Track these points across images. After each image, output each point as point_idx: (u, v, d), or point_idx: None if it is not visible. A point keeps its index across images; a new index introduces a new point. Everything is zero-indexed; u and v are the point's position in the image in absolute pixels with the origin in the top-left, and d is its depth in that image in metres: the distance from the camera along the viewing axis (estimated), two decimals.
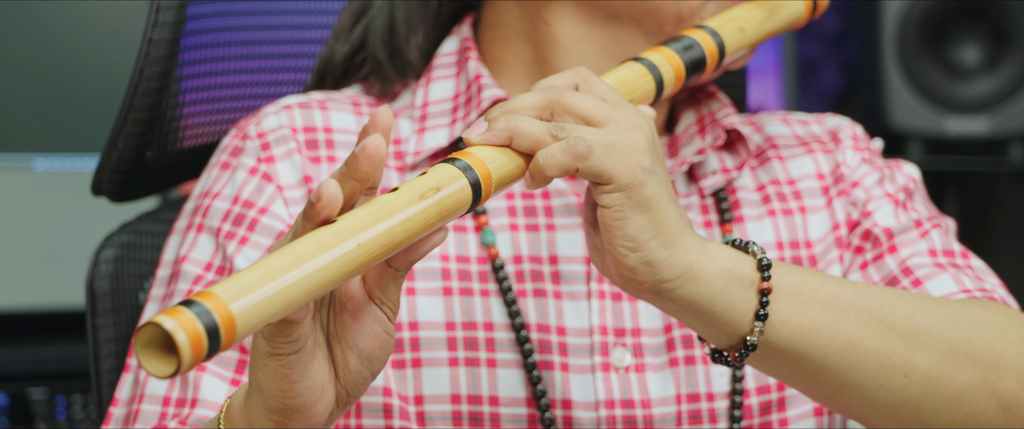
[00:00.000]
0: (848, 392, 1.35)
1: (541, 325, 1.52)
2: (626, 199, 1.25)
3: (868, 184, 1.61)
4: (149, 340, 1.03)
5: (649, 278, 1.27)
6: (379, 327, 1.21)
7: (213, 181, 1.56)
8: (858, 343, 1.34)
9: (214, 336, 1.03)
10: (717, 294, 1.29)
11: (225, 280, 1.06)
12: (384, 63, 1.61)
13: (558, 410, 1.51)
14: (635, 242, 1.26)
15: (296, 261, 1.09)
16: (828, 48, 3.89)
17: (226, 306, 1.04)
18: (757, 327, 1.30)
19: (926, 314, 1.37)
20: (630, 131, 1.27)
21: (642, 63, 1.42)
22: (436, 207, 1.17)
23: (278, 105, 1.58)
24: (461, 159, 1.21)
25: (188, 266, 1.52)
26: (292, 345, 1.16)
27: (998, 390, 1.38)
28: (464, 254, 1.53)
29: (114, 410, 1.53)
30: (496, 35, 1.60)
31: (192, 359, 1.02)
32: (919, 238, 1.57)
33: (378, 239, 1.13)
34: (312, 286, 1.09)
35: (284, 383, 1.17)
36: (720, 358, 1.34)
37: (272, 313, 1.07)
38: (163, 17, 1.64)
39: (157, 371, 1.03)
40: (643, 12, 1.53)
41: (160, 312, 1.02)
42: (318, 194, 1.12)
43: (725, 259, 1.30)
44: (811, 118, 1.69)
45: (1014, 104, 3.47)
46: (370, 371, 1.22)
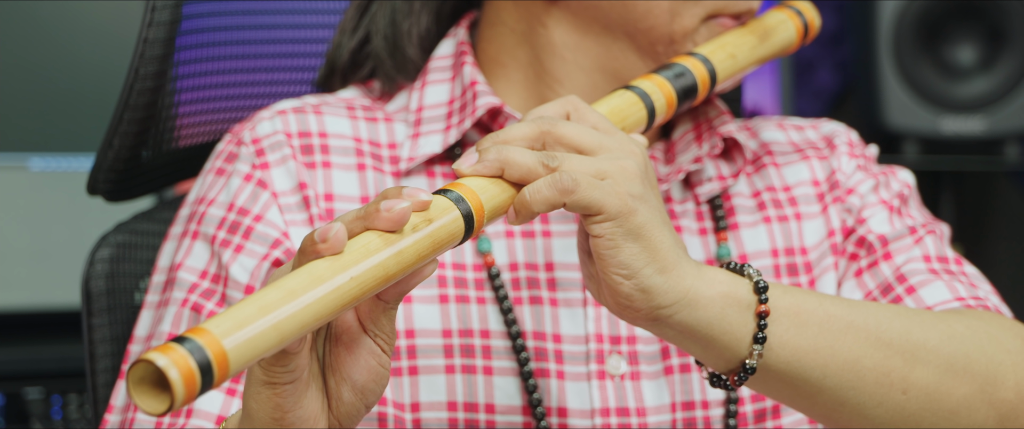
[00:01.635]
0: (847, 411, 1.35)
1: (537, 333, 1.52)
2: (617, 228, 1.25)
3: (863, 191, 1.61)
4: (142, 377, 1.03)
5: (645, 305, 1.27)
6: (374, 360, 1.20)
7: (208, 187, 1.56)
8: (856, 362, 1.33)
9: (207, 372, 1.02)
10: (714, 318, 1.29)
11: (218, 315, 1.05)
12: (385, 60, 1.61)
13: (554, 418, 1.50)
14: (629, 270, 1.26)
15: (289, 295, 1.08)
16: (824, 48, 3.89)
17: (219, 342, 1.03)
18: (756, 350, 1.30)
19: (923, 330, 1.37)
20: (621, 159, 1.27)
21: (634, 91, 1.42)
22: (429, 239, 1.17)
23: (272, 110, 1.58)
24: (453, 190, 1.21)
25: (183, 273, 1.52)
26: (288, 375, 1.16)
27: (996, 402, 1.38)
28: (460, 261, 1.53)
29: (109, 417, 1.53)
30: (494, 33, 1.60)
31: (185, 396, 1.02)
32: (913, 244, 1.57)
33: (371, 272, 1.13)
34: (305, 320, 1.09)
35: (276, 412, 1.17)
36: (718, 382, 1.33)
37: (266, 348, 1.07)
38: (159, 17, 1.64)
39: (150, 408, 1.03)
40: (637, 30, 1.53)
41: (153, 349, 1.02)
42: (324, 236, 1.12)
43: (722, 283, 1.30)
44: (806, 123, 1.68)
45: (1010, 104, 3.47)
46: (364, 404, 1.21)
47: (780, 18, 1.58)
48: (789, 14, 1.60)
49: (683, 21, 1.52)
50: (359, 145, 1.56)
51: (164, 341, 1.48)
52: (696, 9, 1.53)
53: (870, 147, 1.68)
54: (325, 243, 1.12)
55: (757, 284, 1.31)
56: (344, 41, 1.64)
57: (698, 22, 1.53)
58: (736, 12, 1.54)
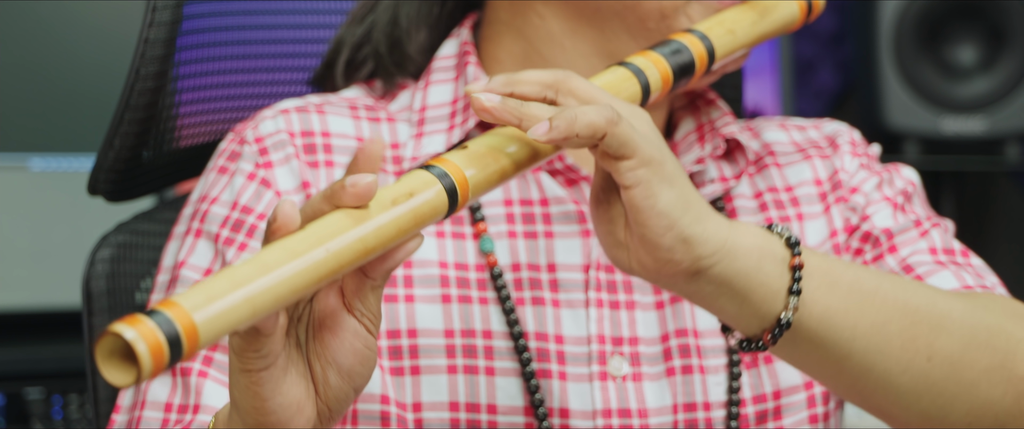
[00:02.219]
0: (873, 378, 1.34)
1: (539, 333, 1.51)
2: (652, 174, 1.22)
3: (867, 189, 1.61)
4: (111, 349, 1.01)
5: (687, 256, 1.24)
6: (359, 342, 1.19)
7: (210, 186, 1.56)
8: (883, 326, 1.33)
9: (175, 345, 1.01)
10: (752, 269, 1.27)
11: (189, 289, 1.04)
12: (384, 56, 1.61)
13: (556, 419, 1.50)
14: (669, 219, 1.23)
15: (262, 269, 1.07)
16: (825, 48, 3.89)
17: (188, 315, 1.02)
18: (792, 303, 1.28)
19: (946, 300, 1.37)
20: (632, 119, 1.26)
21: (627, 67, 1.40)
22: (410, 214, 1.15)
23: (275, 109, 1.58)
24: (437, 165, 1.20)
25: (187, 271, 1.52)
26: (262, 361, 1.15)
27: (1014, 378, 1.38)
28: (463, 261, 1.53)
29: (116, 417, 1.53)
30: (493, 32, 1.60)
31: (152, 368, 1.00)
32: (919, 237, 1.57)
33: (349, 246, 1.11)
34: (280, 294, 1.08)
35: (256, 400, 1.16)
36: (750, 346, 1.31)
37: (237, 321, 1.05)
38: (159, 17, 1.64)
39: (116, 380, 1.01)
40: (624, 8, 1.53)
41: (120, 320, 1.01)
42: (274, 215, 1.10)
43: (754, 235, 1.28)
44: (809, 123, 1.68)
45: (1010, 104, 3.47)
46: (352, 387, 1.20)
47: None
48: None
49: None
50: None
51: None
52: None
53: (873, 146, 1.68)
54: (275, 222, 1.11)
55: (788, 239, 1.29)
56: (347, 38, 1.64)
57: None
58: None
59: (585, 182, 1.56)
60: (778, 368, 1.56)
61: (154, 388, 1.48)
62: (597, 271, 1.53)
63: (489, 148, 1.24)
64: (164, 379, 1.48)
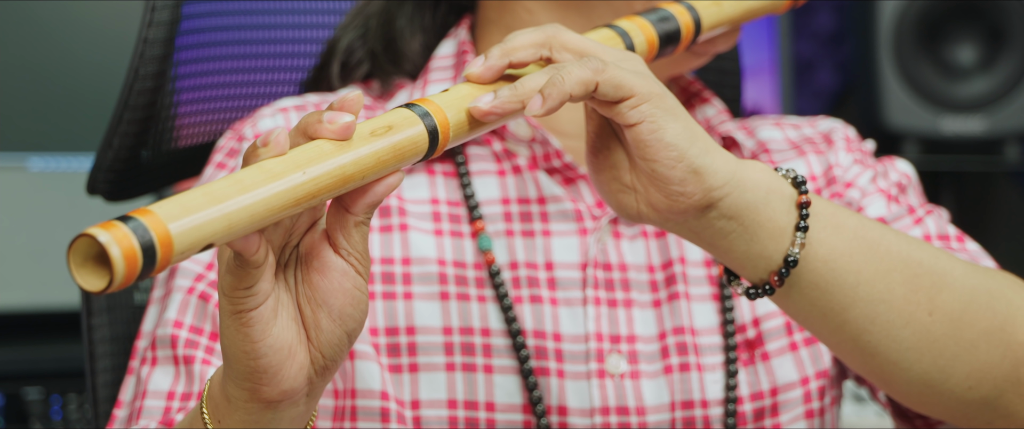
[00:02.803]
0: (876, 330, 1.33)
1: (537, 331, 1.52)
2: (655, 108, 1.22)
3: (862, 183, 1.61)
4: (85, 254, 1.00)
5: (699, 188, 1.24)
6: (348, 282, 1.17)
7: (209, 180, 1.56)
8: (887, 274, 1.33)
9: (149, 253, 0.99)
10: (760, 202, 1.27)
11: (164, 200, 1.03)
12: (380, 55, 1.61)
13: (554, 417, 1.50)
14: (678, 150, 1.23)
15: (240, 187, 1.06)
16: (824, 47, 3.89)
17: (163, 223, 1.00)
18: (799, 238, 1.28)
19: (949, 259, 1.37)
20: (623, 62, 1.25)
21: (614, 29, 1.40)
22: (390, 147, 1.15)
23: (274, 107, 1.58)
24: (418, 105, 1.19)
25: (187, 263, 1.52)
26: (252, 299, 1.13)
27: (1013, 345, 1.39)
28: (461, 259, 1.53)
29: (117, 412, 1.53)
30: (485, 32, 1.61)
31: (125, 274, 0.99)
32: (913, 224, 1.58)
33: (327, 172, 1.10)
34: (256, 212, 1.06)
35: (246, 342, 1.14)
36: (757, 292, 1.31)
37: (212, 234, 1.04)
38: (158, 16, 1.64)
39: (89, 285, 1.00)
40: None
41: (95, 225, 0.99)
42: (264, 140, 1.10)
43: (761, 171, 1.28)
44: (804, 121, 1.69)
45: (1010, 104, 3.47)
46: (344, 331, 1.18)
47: None
48: None
49: None
50: None
51: (169, 328, 1.48)
52: None
53: (867, 142, 1.68)
54: (266, 146, 1.10)
55: (795, 179, 1.29)
56: (340, 40, 1.64)
57: None
58: None
59: (583, 181, 1.56)
60: (775, 365, 1.56)
61: (156, 377, 1.48)
62: (594, 269, 1.53)
63: (473, 94, 1.23)
64: (166, 368, 1.48)
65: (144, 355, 1.51)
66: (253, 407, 1.18)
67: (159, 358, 1.49)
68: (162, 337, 1.49)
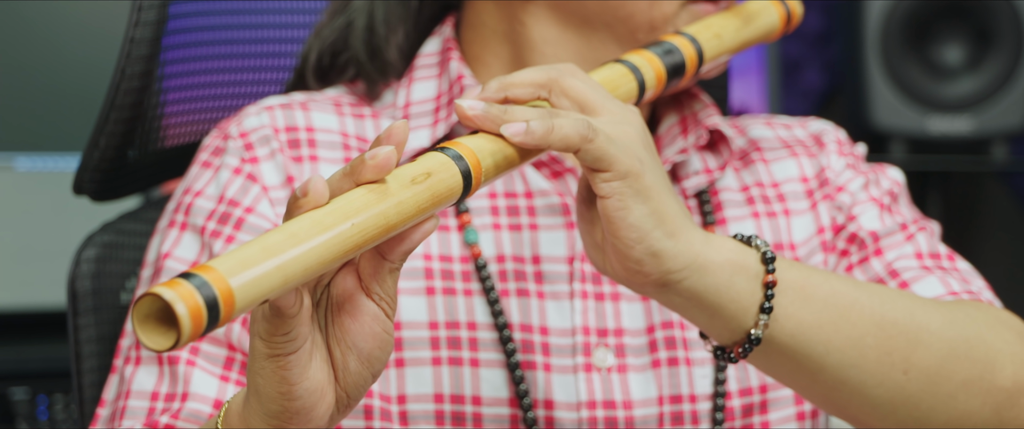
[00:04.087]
0: (847, 390, 1.35)
1: (524, 325, 1.52)
2: (626, 188, 1.24)
3: (853, 189, 1.61)
4: (147, 313, 1.01)
5: (656, 269, 1.26)
6: (378, 326, 1.19)
7: (195, 179, 1.56)
8: (859, 340, 1.33)
9: (213, 309, 1.01)
10: (723, 286, 1.29)
11: (222, 255, 1.04)
12: (365, 64, 1.61)
13: (540, 410, 1.50)
14: (639, 232, 1.25)
15: (292, 238, 1.07)
16: (811, 48, 3.89)
17: (225, 279, 1.02)
18: (762, 320, 1.30)
19: (925, 313, 1.37)
20: (622, 124, 1.27)
21: (624, 65, 1.42)
22: (428, 192, 1.16)
23: (259, 106, 1.58)
24: (450, 148, 1.21)
25: (172, 263, 1.52)
26: (290, 344, 1.15)
27: (993, 389, 1.38)
28: (447, 253, 1.53)
29: (101, 411, 1.52)
30: (476, 35, 1.60)
31: (192, 331, 1.00)
32: (905, 241, 1.57)
33: (372, 220, 1.12)
34: (308, 264, 1.08)
35: (283, 385, 1.16)
36: (723, 355, 1.33)
37: (270, 289, 1.05)
38: (145, 16, 1.63)
39: (155, 344, 1.01)
40: (615, 18, 1.54)
41: (159, 284, 1.00)
42: (304, 189, 1.11)
43: (729, 250, 1.30)
44: (794, 122, 1.69)
45: (997, 104, 3.47)
46: (370, 372, 1.20)
47: (763, 5, 1.59)
48: (772, 1, 1.60)
49: (662, 8, 1.53)
50: (346, 140, 1.57)
51: None
52: None
53: (858, 145, 1.68)
54: (306, 196, 1.11)
55: (764, 255, 1.30)
56: (315, 46, 1.64)
57: (677, 8, 1.53)
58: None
59: (570, 174, 1.56)
60: None
61: (140, 377, 1.48)
62: (582, 263, 1.53)
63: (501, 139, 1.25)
64: (150, 368, 1.48)
65: (128, 354, 1.51)
66: None
67: (143, 358, 1.49)
68: None
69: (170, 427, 1.43)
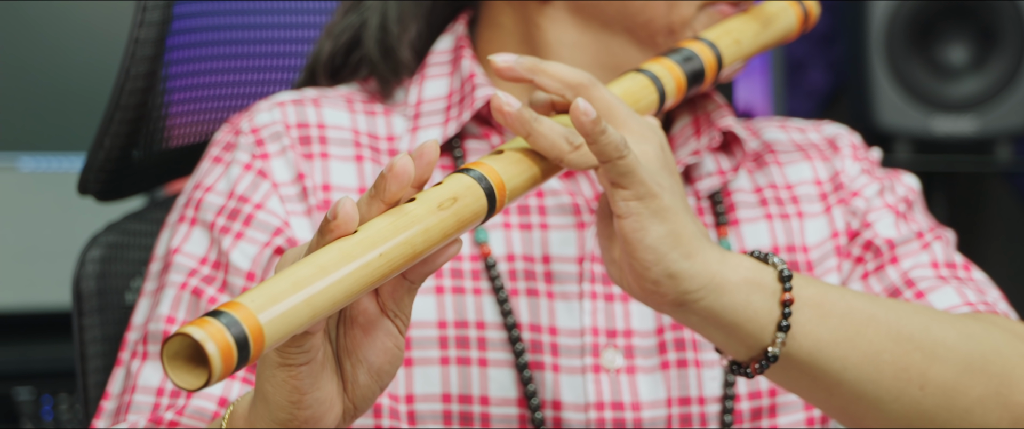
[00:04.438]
0: (864, 405, 1.35)
1: (533, 325, 1.51)
2: (644, 208, 1.25)
3: (868, 194, 1.60)
4: (176, 351, 1.01)
5: (673, 290, 1.27)
6: (390, 342, 1.19)
7: (205, 174, 1.56)
8: (876, 356, 1.34)
9: (243, 347, 1.01)
10: (740, 305, 1.29)
11: (251, 290, 1.04)
12: (378, 63, 1.60)
13: (548, 411, 1.50)
14: (656, 253, 1.26)
15: (320, 271, 1.07)
16: (816, 48, 3.89)
17: (254, 317, 1.02)
18: (779, 338, 1.30)
19: (941, 327, 1.37)
20: (644, 143, 1.28)
21: (645, 74, 1.42)
22: (454, 218, 1.17)
23: (271, 101, 1.58)
24: (475, 169, 1.21)
25: (181, 258, 1.52)
26: (304, 356, 1.15)
27: (1011, 404, 1.38)
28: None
29: (105, 404, 1.52)
30: (492, 35, 1.60)
31: (222, 370, 1.00)
32: (921, 250, 1.57)
33: (399, 249, 1.12)
34: (336, 296, 1.08)
35: (294, 395, 1.16)
36: (739, 370, 1.33)
37: (299, 324, 1.06)
38: (149, 16, 1.63)
39: (186, 384, 1.01)
40: (635, 23, 1.53)
41: (189, 323, 1.00)
42: (334, 213, 1.11)
43: (746, 269, 1.30)
44: (809, 125, 1.68)
45: (1001, 104, 3.47)
46: (379, 385, 1.21)
47: (781, 5, 1.58)
48: (790, 2, 1.59)
49: (681, 10, 1.52)
50: (357, 137, 1.56)
51: (162, 324, 1.48)
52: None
53: (873, 150, 1.68)
54: (336, 219, 1.11)
55: (781, 272, 1.31)
56: (326, 43, 1.64)
57: (696, 10, 1.53)
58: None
59: (582, 175, 1.56)
60: None
61: (146, 373, 1.48)
62: (592, 263, 1.53)
63: (523, 153, 1.26)
64: (156, 364, 1.48)
65: (135, 349, 1.51)
66: None
67: (150, 353, 1.49)
68: (154, 332, 1.49)
69: (174, 424, 1.43)
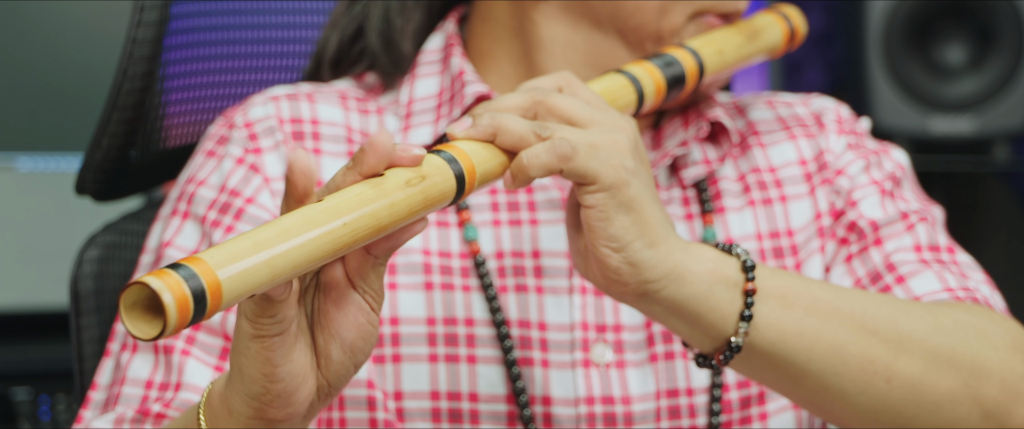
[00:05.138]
0: (829, 397, 1.35)
1: (522, 321, 1.52)
2: (610, 199, 1.26)
3: (853, 172, 1.60)
4: (134, 301, 1.02)
5: (634, 279, 1.28)
6: (362, 317, 1.20)
7: (198, 168, 1.56)
8: (841, 348, 1.34)
9: (200, 300, 1.02)
10: (702, 295, 1.30)
11: (213, 247, 1.05)
12: (380, 56, 1.61)
13: (538, 406, 1.51)
14: (619, 243, 1.27)
15: (283, 234, 1.08)
16: (813, 47, 3.89)
17: (213, 272, 1.03)
18: (742, 328, 1.31)
19: (909, 320, 1.37)
20: (613, 132, 1.29)
21: (625, 75, 1.44)
22: (421, 195, 1.17)
23: (265, 95, 1.58)
24: (446, 151, 1.22)
25: (172, 251, 1.52)
26: (276, 326, 1.16)
27: (980, 397, 1.38)
28: (446, 249, 1.53)
29: (93, 394, 1.52)
30: (485, 29, 1.60)
31: (178, 321, 1.01)
32: (905, 231, 1.57)
33: (363, 220, 1.13)
34: (297, 260, 1.09)
35: (266, 366, 1.17)
36: (704, 362, 1.34)
37: (258, 283, 1.06)
38: (147, 17, 1.63)
39: (141, 333, 1.02)
40: (626, 26, 1.54)
41: (147, 273, 1.01)
42: (291, 164, 1.12)
43: (709, 259, 1.31)
44: (796, 99, 1.68)
45: (999, 104, 3.47)
46: (353, 362, 1.21)
47: (768, 21, 1.61)
48: (777, 18, 1.62)
49: (671, 19, 1.54)
50: (350, 134, 1.57)
51: None
52: (684, 7, 1.54)
53: (861, 121, 1.67)
54: (293, 171, 1.12)
55: (745, 263, 1.32)
56: (333, 37, 1.64)
57: (685, 20, 1.54)
58: (723, 12, 1.56)
59: None
60: None
61: (135, 365, 1.48)
62: None
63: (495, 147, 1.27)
64: (146, 356, 1.48)
65: (125, 340, 1.51)
66: (255, 424, 1.21)
67: (140, 345, 1.49)
68: None
69: (161, 416, 1.44)
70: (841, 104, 1.67)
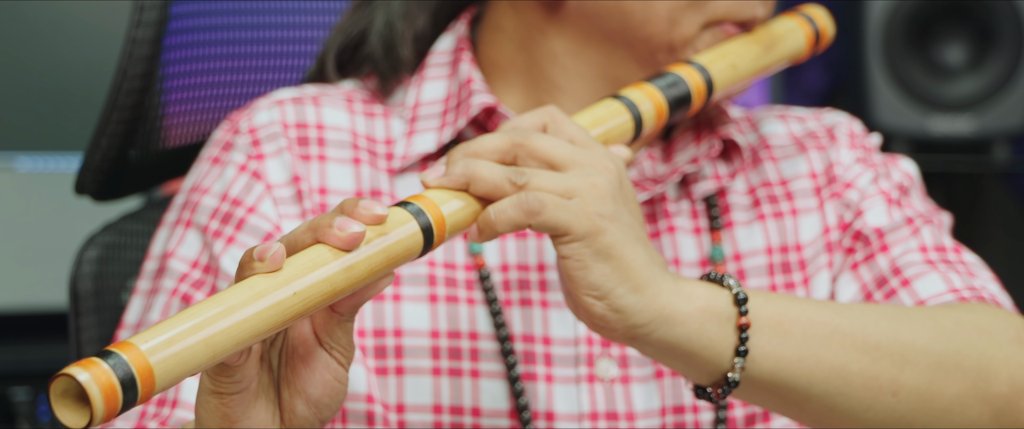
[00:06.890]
0: (836, 416, 1.34)
1: (526, 335, 1.51)
2: (585, 248, 1.24)
3: (862, 184, 1.59)
4: (65, 390, 1.01)
5: (621, 325, 1.26)
6: (329, 374, 1.19)
7: (203, 176, 1.56)
8: (842, 368, 1.33)
9: (130, 388, 1.01)
10: (693, 334, 1.28)
11: (149, 329, 1.04)
12: (380, 61, 1.60)
13: (541, 422, 1.49)
14: (600, 290, 1.25)
15: (226, 312, 1.07)
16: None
17: (144, 358, 1.02)
18: (738, 363, 1.29)
19: (911, 329, 1.36)
20: (592, 176, 1.26)
21: (620, 100, 1.40)
22: (382, 255, 1.15)
23: (271, 99, 1.57)
24: (413, 202, 1.19)
25: (174, 262, 1.52)
26: (234, 385, 1.15)
27: (989, 397, 1.37)
28: (451, 261, 1.52)
29: None
30: (494, 37, 1.59)
31: (105, 412, 1.00)
32: (910, 235, 1.55)
33: (317, 288, 1.11)
34: (240, 336, 1.08)
35: (224, 421, 1.16)
36: (703, 394, 1.33)
37: (196, 364, 1.05)
38: (146, 17, 1.63)
39: (70, 422, 1.01)
40: (636, 38, 1.51)
41: (75, 363, 1.01)
42: (261, 254, 1.10)
43: (699, 297, 1.29)
44: (809, 114, 1.66)
45: (998, 104, 3.47)
46: (318, 418, 1.20)
47: (789, 26, 1.56)
48: (800, 21, 1.57)
49: (682, 29, 1.50)
50: (355, 139, 1.56)
51: None
52: (696, 16, 1.51)
53: (871, 136, 1.65)
54: (262, 262, 1.10)
55: (737, 296, 1.30)
56: (337, 39, 1.63)
57: (698, 29, 1.51)
58: (740, 19, 1.52)
59: None
60: None
61: None
62: None
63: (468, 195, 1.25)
64: None
65: None
66: None
67: None
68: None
69: None
70: (854, 119, 1.65)
